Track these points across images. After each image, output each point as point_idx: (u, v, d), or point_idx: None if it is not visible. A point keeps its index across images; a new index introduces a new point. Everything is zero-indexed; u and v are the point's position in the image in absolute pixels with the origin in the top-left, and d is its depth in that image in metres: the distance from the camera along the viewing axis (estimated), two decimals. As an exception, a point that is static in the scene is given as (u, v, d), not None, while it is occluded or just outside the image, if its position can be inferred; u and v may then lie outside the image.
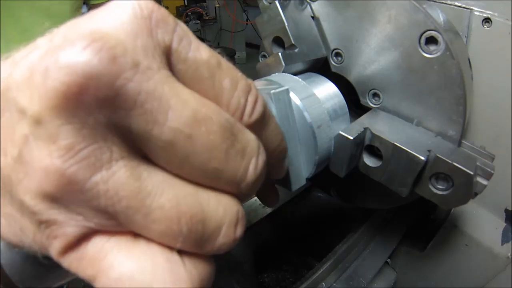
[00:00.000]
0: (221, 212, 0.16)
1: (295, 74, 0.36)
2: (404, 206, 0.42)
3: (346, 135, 0.31)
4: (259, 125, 0.18)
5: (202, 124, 0.15)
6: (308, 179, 0.32)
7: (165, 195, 0.15)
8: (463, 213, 0.55)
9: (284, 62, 0.35)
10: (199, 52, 0.16)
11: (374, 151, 0.33)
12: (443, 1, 0.47)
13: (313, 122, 0.30)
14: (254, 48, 3.44)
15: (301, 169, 0.31)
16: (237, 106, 0.17)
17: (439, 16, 0.40)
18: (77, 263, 0.15)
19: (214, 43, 3.40)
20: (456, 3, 0.47)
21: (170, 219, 0.14)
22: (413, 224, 0.64)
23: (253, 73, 0.39)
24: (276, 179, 0.24)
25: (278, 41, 0.41)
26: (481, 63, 0.46)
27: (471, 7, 0.46)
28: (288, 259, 0.72)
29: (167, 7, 3.53)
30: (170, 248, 0.15)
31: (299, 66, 0.38)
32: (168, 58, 0.16)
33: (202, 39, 3.49)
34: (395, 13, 0.32)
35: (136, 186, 0.14)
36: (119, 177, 0.14)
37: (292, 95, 0.30)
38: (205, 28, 3.41)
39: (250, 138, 0.17)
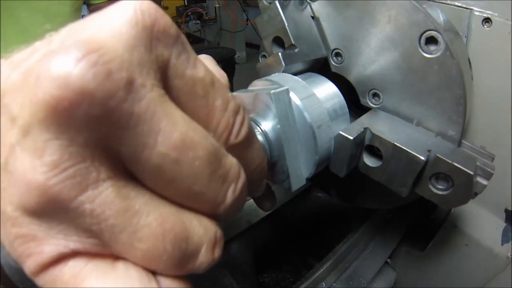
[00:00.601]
0: (202, 232, 0.16)
1: (295, 74, 0.36)
2: (404, 206, 0.42)
3: (346, 135, 0.31)
4: (243, 146, 0.19)
5: (190, 149, 0.15)
6: (308, 179, 0.32)
7: (152, 214, 0.15)
8: (463, 213, 0.55)
9: (284, 62, 0.35)
10: (196, 69, 0.16)
11: (374, 151, 0.33)
12: (443, 1, 0.47)
13: (313, 122, 0.30)
14: (254, 48, 3.44)
15: (301, 169, 0.31)
16: (226, 126, 0.17)
17: (439, 16, 0.40)
18: (50, 284, 0.14)
19: (214, 43, 3.40)
20: (456, 3, 0.47)
21: (156, 237, 0.14)
22: (413, 224, 0.63)
23: (253, 73, 0.39)
24: (253, 196, 0.25)
25: (278, 41, 0.41)
26: (481, 63, 0.46)
27: (471, 7, 0.46)
28: (288, 259, 0.72)
29: (167, 7, 3.53)
30: (148, 274, 0.15)
31: (299, 66, 0.38)
32: (164, 72, 0.15)
33: (202, 39, 3.49)
34: (395, 13, 0.32)
35: (123, 205, 0.14)
36: (106, 196, 0.13)
37: (292, 95, 0.30)
38: (205, 28, 3.41)
39: (232, 163, 0.17)
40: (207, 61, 0.27)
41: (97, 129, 0.13)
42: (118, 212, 0.14)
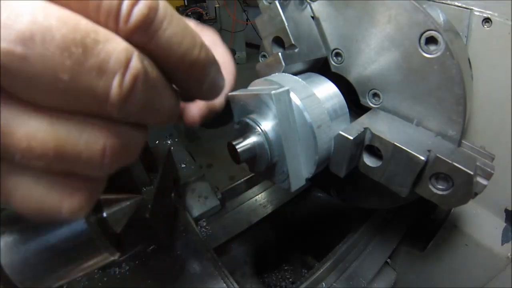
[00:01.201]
0: (82, 143, 0.15)
1: (295, 74, 0.36)
2: (404, 206, 0.42)
3: (346, 135, 0.31)
4: (146, 32, 0.16)
5: (37, 39, 0.13)
6: (308, 179, 0.32)
7: (19, 129, 0.14)
8: (463, 213, 0.55)
9: (284, 62, 0.35)
10: None
11: (374, 151, 0.33)
12: (443, 1, 0.47)
13: (313, 122, 0.30)
14: (254, 48, 3.44)
15: (301, 169, 0.31)
16: (108, 10, 0.14)
17: (439, 16, 0.40)
18: None
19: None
20: (456, 3, 0.47)
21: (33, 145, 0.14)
22: (413, 224, 0.64)
23: (253, 73, 0.39)
24: (207, 100, 0.21)
25: (278, 41, 0.41)
26: (481, 63, 0.46)
27: (471, 7, 0.46)
28: (288, 259, 0.72)
29: (167, 7, 3.52)
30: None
31: (299, 66, 0.38)
32: None
33: (202, 39, 3.50)
34: (395, 13, 0.32)
35: None
36: None
37: (292, 95, 0.30)
38: (205, 28, 3.41)
39: (113, 49, 0.14)
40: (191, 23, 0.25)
41: None
42: None
